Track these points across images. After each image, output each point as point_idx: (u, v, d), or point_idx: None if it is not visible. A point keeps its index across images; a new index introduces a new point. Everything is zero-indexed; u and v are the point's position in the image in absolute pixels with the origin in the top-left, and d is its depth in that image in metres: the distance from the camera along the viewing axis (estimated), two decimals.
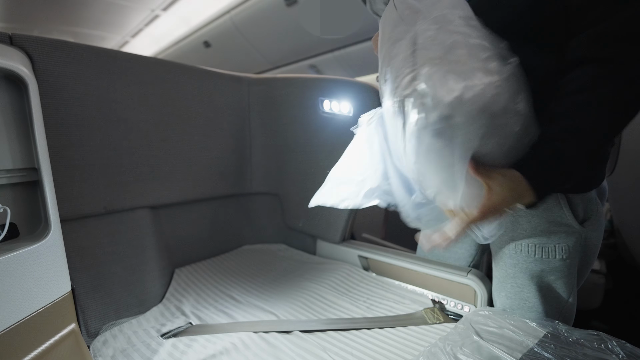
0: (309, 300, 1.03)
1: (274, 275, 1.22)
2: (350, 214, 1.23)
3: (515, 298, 0.78)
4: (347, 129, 1.20)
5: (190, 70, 1.22)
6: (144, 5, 3.69)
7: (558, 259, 0.71)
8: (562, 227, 0.70)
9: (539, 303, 0.75)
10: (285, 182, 1.42)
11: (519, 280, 0.76)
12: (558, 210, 0.69)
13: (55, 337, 0.69)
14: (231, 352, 0.78)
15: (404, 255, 1.09)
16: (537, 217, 0.71)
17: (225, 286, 1.14)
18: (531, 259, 0.73)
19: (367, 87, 1.15)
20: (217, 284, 1.16)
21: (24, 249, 0.63)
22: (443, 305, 0.98)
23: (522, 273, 0.75)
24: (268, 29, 3.56)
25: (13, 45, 0.82)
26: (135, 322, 0.92)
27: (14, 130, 0.69)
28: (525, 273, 0.75)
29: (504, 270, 0.79)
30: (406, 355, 0.77)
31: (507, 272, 0.78)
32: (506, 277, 0.78)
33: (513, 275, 0.77)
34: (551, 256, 0.71)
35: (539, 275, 0.73)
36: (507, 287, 0.79)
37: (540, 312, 0.76)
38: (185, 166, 1.23)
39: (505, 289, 0.79)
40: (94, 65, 0.97)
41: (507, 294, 0.79)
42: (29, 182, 0.72)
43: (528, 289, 0.75)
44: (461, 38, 0.50)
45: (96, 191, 1.00)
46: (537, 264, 0.73)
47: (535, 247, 0.72)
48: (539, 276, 0.74)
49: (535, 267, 0.73)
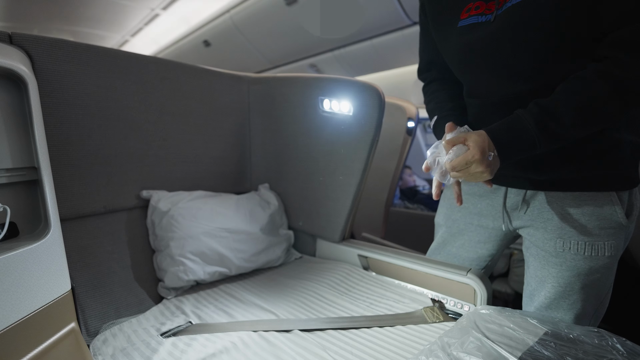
0: (309, 299, 1.03)
1: (273, 275, 1.23)
2: (349, 214, 1.23)
3: (556, 297, 0.76)
4: (347, 129, 1.21)
5: (190, 69, 1.22)
6: (143, 4, 3.69)
7: (607, 256, 0.71)
8: (612, 224, 0.70)
9: (579, 301, 0.75)
10: (285, 181, 1.42)
11: (563, 279, 0.74)
12: (609, 207, 0.70)
13: (55, 336, 0.69)
14: (231, 351, 0.78)
15: (403, 255, 1.09)
16: (588, 215, 0.71)
17: (225, 285, 1.14)
18: (580, 257, 0.72)
19: (367, 86, 1.15)
20: (217, 283, 1.16)
21: (24, 248, 0.63)
22: (443, 304, 0.98)
23: (568, 271, 0.74)
24: (268, 28, 3.56)
25: (13, 44, 0.82)
26: (135, 321, 0.92)
27: (14, 130, 0.69)
28: (571, 271, 0.73)
29: (546, 270, 0.77)
30: (406, 354, 0.77)
31: (550, 271, 0.76)
32: (547, 276, 0.77)
33: (556, 274, 0.75)
34: (600, 253, 0.71)
35: (586, 273, 0.73)
36: (547, 287, 0.77)
37: (578, 311, 0.75)
38: (185, 165, 1.23)
39: (546, 288, 0.77)
40: (94, 65, 0.97)
41: (546, 294, 0.77)
42: (28, 181, 0.72)
43: (572, 287, 0.74)
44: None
45: (96, 190, 1.00)
46: (586, 262, 0.72)
47: (585, 245, 0.71)
48: (585, 274, 0.73)
49: (584, 265, 0.72)
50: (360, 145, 1.17)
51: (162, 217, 1.10)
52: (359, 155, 1.18)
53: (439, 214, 1.00)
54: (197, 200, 1.19)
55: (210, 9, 3.67)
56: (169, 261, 1.06)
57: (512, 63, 0.67)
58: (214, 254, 1.11)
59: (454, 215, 0.94)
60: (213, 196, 1.25)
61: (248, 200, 1.31)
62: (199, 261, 1.09)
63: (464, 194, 0.89)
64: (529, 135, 0.62)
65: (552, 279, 0.76)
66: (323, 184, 1.28)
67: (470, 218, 0.90)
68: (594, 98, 0.59)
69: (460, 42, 0.73)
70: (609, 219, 0.70)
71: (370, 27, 3.09)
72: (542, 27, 0.62)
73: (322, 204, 1.30)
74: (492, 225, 0.86)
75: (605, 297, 0.76)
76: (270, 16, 3.31)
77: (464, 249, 0.95)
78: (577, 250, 0.72)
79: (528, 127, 0.62)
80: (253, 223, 1.24)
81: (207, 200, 1.21)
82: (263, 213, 1.30)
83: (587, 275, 0.73)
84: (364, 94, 1.15)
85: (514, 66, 0.67)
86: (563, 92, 0.62)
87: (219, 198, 1.25)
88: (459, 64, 0.77)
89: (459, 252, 0.96)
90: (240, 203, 1.27)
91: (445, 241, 0.99)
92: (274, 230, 1.31)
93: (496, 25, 0.67)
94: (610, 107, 0.59)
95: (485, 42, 0.68)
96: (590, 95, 0.59)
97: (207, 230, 1.13)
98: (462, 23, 0.72)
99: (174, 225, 1.08)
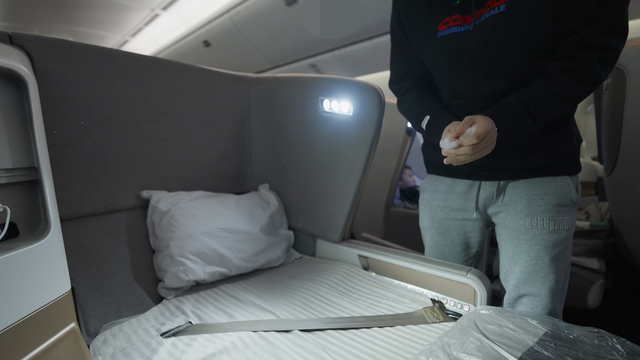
0: (309, 300, 1.03)
1: (273, 275, 1.23)
2: (349, 214, 1.23)
3: (529, 271, 0.86)
4: (347, 129, 1.21)
5: (190, 69, 1.22)
6: (143, 4, 3.69)
7: (566, 229, 0.84)
8: (568, 202, 0.84)
9: (550, 274, 0.84)
10: (285, 181, 1.42)
11: (533, 252, 0.85)
12: (566, 188, 0.84)
13: (55, 336, 0.69)
14: (231, 351, 0.78)
15: (403, 255, 1.09)
16: (550, 194, 0.84)
17: (225, 285, 1.14)
18: (546, 231, 0.84)
19: (367, 86, 1.15)
20: (217, 283, 1.16)
21: (24, 248, 0.63)
22: (443, 305, 0.98)
23: (537, 245, 0.85)
24: (268, 29, 3.56)
25: (13, 44, 0.82)
26: (135, 321, 0.92)
27: (14, 130, 0.69)
28: (540, 244, 0.84)
29: (518, 247, 0.87)
30: (406, 354, 0.77)
31: (521, 247, 0.87)
32: (520, 253, 0.87)
33: (527, 249, 0.86)
34: (561, 227, 0.84)
35: (552, 245, 0.84)
36: (520, 263, 0.87)
37: (551, 284, 0.85)
38: (185, 165, 1.23)
39: (519, 264, 0.87)
40: (94, 65, 0.97)
41: (521, 269, 0.87)
42: (28, 182, 0.72)
43: (542, 259, 0.84)
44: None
45: (96, 190, 1.00)
46: (551, 235, 0.84)
47: (549, 220, 0.84)
48: (551, 246, 0.84)
49: (550, 238, 0.84)
50: (360, 145, 1.17)
51: (162, 217, 1.10)
52: (359, 155, 1.18)
53: (423, 218, 1.06)
54: (197, 200, 1.19)
55: (210, 9, 3.68)
56: (169, 261, 1.06)
57: (494, 64, 0.79)
58: (214, 254, 1.11)
59: (437, 215, 1.01)
60: (213, 196, 1.25)
61: (248, 201, 1.31)
62: (199, 261, 1.09)
63: (443, 194, 0.99)
64: (518, 113, 0.74)
65: (524, 254, 0.86)
66: (323, 184, 1.28)
67: (453, 214, 0.98)
68: (562, 87, 0.74)
69: (445, 49, 0.84)
70: (567, 198, 0.84)
71: (370, 27, 3.09)
72: (516, 34, 0.75)
73: (322, 204, 1.30)
74: (475, 216, 0.96)
75: (568, 271, 0.88)
76: (270, 16, 3.31)
77: (454, 245, 1.01)
78: (543, 225, 0.84)
79: (517, 106, 0.74)
80: (253, 223, 1.24)
81: (207, 200, 1.21)
82: (263, 213, 1.30)
83: (552, 247, 0.84)
84: (364, 94, 1.15)
85: (495, 67, 0.80)
86: (537, 84, 0.75)
87: (219, 198, 1.25)
88: (448, 69, 0.86)
89: (450, 249, 1.02)
90: (240, 203, 1.27)
91: (436, 243, 1.04)
92: (274, 231, 1.31)
93: (476, 33, 0.79)
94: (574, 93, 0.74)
95: (470, 47, 0.80)
96: (559, 86, 0.74)
97: (207, 231, 1.13)
98: (441, 34, 0.84)
99: (174, 225, 1.08)
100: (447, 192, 0.98)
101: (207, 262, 1.11)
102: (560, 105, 0.76)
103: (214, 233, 1.14)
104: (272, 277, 1.21)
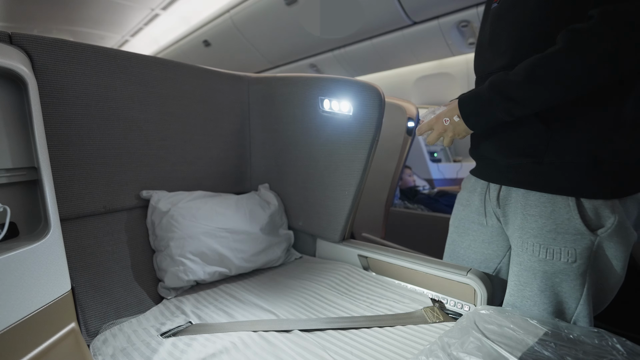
0: (309, 300, 1.03)
1: (273, 275, 1.22)
2: (349, 214, 1.23)
3: (517, 295, 0.80)
4: (347, 129, 1.21)
5: (190, 69, 1.22)
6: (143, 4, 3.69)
7: (563, 261, 0.71)
8: (569, 230, 0.69)
9: (541, 302, 0.75)
10: (285, 181, 1.42)
11: (522, 278, 0.77)
12: (566, 212, 0.69)
13: (55, 336, 0.69)
14: (231, 351, 0.78)
15: (403, 255, 1.09)
16: (545, 218, 0.71)
17: (225, 285, 1.14)
18: (535, 259, 0.74)
19: (367, 86, 1.15)
20: (217, 283, 1.16)
21: (24, 248, 0.63)
22: (443, 304, 0.98)
23: (526, 271, 0.76)
24: (268, 28, 3.56)
25: (13, 44, 0.82)
26: (135, 321, 0.92)
27: (14, 130, 0.69)
28: (528, 271, 0.76)
29: (510, 268, 0.82)
30: (406, 354, 0.77)
31: (512, 269, 0.80)
32: (511, 274, 0.81)
33: (517, 273, 0.79)
34: (555, 258, 0.71)
35: (542, 276, 0.74)
36: (510, 284, 0.82)
37: (547, 309, 0.75)
38: (185, 165, 1.23)
39: (510, 286, 0.82)
40: (94, 64, 0.97)
41: (510, 291, 0.82)
42: (28, 182, 0.72)
43: (530, 287, 0.76)
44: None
45: (96, 190, 1.00)
46: (541, 265, 0.73)
47: (540, 247, 0.73)
48: (541, 277, 0.74)
49: (539, 268, 0.74)
50: (360, 145, 1.17)
51: (162, 217, 1.10)
52: (359, 155, 1.18)
53: (452, 215, 1.00)
54: (197, 200, 1.18)
55: (210, 9, 3.68)
56: (169, 261, 1.06)
57: (500, 41, 0.75)
58: (214, 254, 1.11)
59: (460, 213, 0.96)
60: (213, 196, 1.25)
61: (248, 200, 1.31)
62: (198, 261, 1.09)
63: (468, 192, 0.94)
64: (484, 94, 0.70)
65: (514, 276, 0.80)
66: (323, 184, 1.28)
67: (472, 216, 0.91)
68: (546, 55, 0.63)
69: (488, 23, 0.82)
70: (566, 225, 0.69)
71: (370, 27, 3.09)
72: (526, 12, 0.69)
73: (322, 204, 1.30)
74: (489, 222, 0.87)
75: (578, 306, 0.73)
76: (270, 16, 3.31)
77: (471, 250, 0.94)
78: (532, 252, 0.74)
79: (483, 88, 0.71)
80: (253, 223, 1.24)
81: (207, 200, 1.21)
82: (263, 213, 1.30)
83: (543, 278, 0.73)
84: (364, 94, 1.15)
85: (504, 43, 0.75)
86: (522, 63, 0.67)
87: (219, 198, 1.25)
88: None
89: (467, 253, 0.95)
90: (240, 203, 1.27)
91: (454, 242, 0.99)
92: (274, 231, 1.31)
93: (497, 8, 0.77)
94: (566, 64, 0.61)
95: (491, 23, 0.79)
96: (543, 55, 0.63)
97: (207, 230, 1.13)
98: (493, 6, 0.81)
99: (173, 225, 1.08)
100: (471, 191, 0.92)
101: (207, 262, 1.11)
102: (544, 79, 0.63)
103: (214, 233, 1.14)
104: (272, 277, 1.21)
